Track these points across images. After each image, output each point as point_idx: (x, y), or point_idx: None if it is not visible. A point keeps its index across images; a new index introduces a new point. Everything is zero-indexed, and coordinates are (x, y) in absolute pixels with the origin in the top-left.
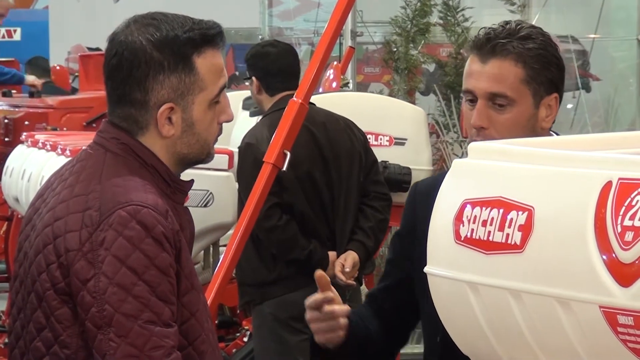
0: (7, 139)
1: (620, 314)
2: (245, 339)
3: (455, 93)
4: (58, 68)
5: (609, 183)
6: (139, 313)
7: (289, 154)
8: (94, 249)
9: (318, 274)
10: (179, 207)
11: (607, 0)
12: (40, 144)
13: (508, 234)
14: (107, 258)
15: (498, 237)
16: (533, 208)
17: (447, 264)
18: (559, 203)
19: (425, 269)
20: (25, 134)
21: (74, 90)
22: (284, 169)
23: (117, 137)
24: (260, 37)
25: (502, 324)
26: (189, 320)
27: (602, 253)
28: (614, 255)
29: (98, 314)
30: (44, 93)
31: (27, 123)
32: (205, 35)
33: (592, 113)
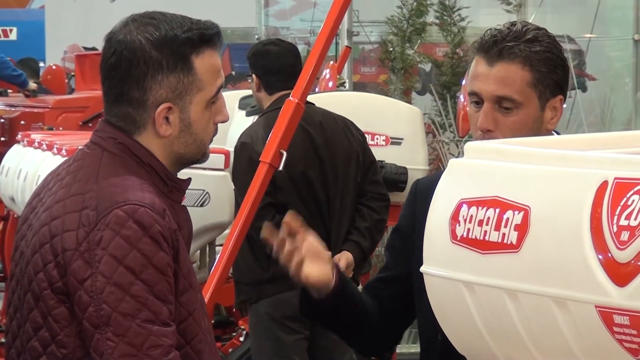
0: (3, 139)
1: (616, 314)
2: (242, 339)
3: (452, 93)
4: (54, 68)
5: (605, 183)
6: (137, 312)
7: (285, 154)
8: (91, 249)
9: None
10: (177, 206)
11: (603, 0)
12: (37, 144)
13: (504, 234)
14: (104, 257)
15: (494, 236)
16: (529, 208)
17: (443, 264)
18: (555, 203)
19: (422, 269)
20: (22, 134)
21: (70, 90)
22: (281, 169)
23: (114, 136)
24: (257, 36)
25: (498, 324)
26: (187, 320)
27: (598, 253)
28: (610, 255)
29: (95, 314)
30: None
31: (23, 122)
32: (204, 35)
33: (588, 112)
